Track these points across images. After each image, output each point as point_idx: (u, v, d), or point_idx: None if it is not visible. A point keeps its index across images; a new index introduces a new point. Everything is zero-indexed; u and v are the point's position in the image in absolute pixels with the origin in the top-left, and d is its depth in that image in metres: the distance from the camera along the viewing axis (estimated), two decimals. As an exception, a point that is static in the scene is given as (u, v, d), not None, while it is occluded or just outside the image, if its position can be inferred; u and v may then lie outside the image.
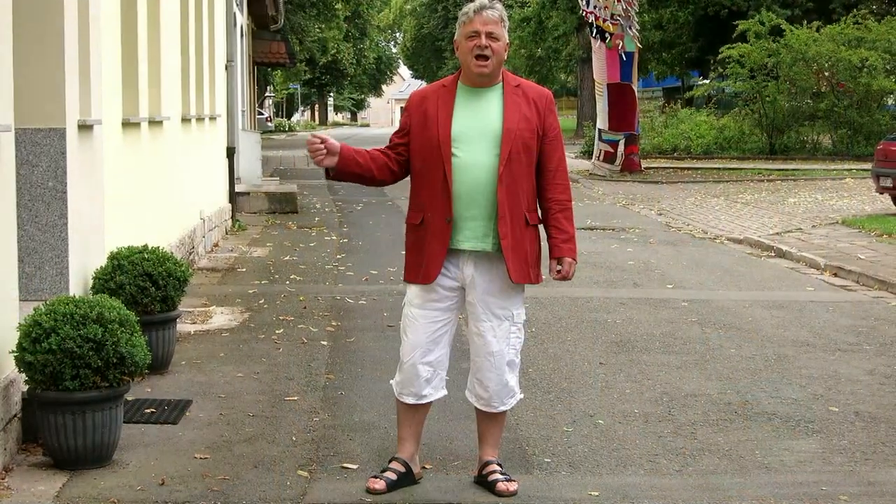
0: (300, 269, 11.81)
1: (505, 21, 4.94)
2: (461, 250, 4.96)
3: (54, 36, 6.47)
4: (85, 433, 5.18)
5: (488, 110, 4.94)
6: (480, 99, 4.96)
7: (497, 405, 5.08)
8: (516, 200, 4.92)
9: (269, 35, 30.39)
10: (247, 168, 20.03)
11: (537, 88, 5.08)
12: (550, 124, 5.02)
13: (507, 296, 5.02)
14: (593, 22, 26.33)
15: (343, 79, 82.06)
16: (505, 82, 4.99)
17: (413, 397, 5.08)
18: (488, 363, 5.03)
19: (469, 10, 4.92)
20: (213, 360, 7.55)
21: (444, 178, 4.88)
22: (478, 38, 4.86)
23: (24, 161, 6.51)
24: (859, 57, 29.52)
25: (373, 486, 5.01)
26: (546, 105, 5.02)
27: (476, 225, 4.91)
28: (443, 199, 4.89)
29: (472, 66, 4.90)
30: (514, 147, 4.88)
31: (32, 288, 6.58)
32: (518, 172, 4.91)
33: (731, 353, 7.97)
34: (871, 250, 13.02)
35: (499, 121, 4.91)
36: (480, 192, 4.88)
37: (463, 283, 5.01)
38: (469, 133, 4.90)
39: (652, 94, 58.67)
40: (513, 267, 4.93)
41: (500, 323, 5.01)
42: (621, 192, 22.67)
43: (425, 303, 5.01)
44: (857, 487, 5.22)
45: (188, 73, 12.08)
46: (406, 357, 5.07)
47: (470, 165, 4.88)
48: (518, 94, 4.97)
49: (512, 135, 4.88)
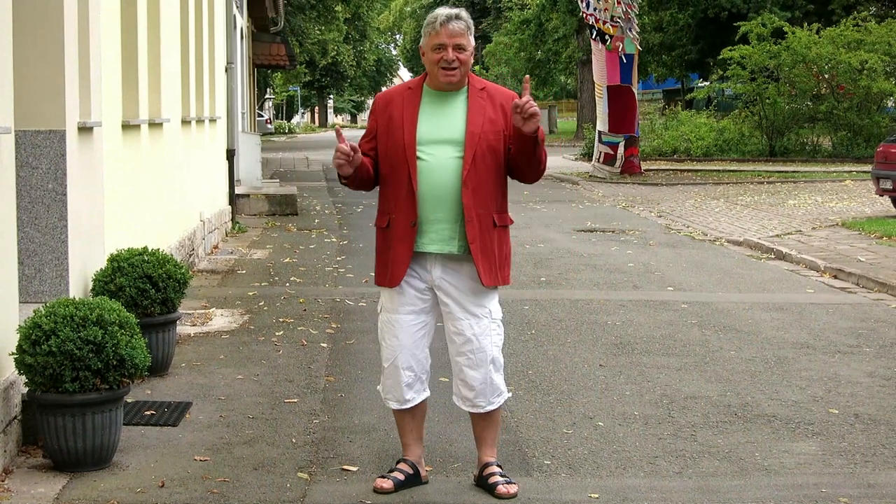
0: (300, 271, 11.82)
1: (471, 29, 4.98)
2: (427, 253, 4.97)
3: (54, 38, 6.47)
4: (85, 435, 5.18)
5: (453, 114, 4.96)
6: (445, 103, 4.98)
7: (484, 404, 5.07)
8: (483, 203, 4.93)
9: (269, 37, 30.41)
10: (247, 170, 20.03)
11: (503, 91, 5.10)
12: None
13: (479, 294, 5.02)
14: (593, 24, 26.33)
15: (343, 81, 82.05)
16: (470, 86, 5.01)
17: (396, 402, 5.12)
18: (471, 361, 5.02)
19: (436, 22, 4.92)
20: (212, 362, 7.55)
21: (409, 181, 4.90)
22: (445, 52, 4.89)
23: (24, 163, 6.51)
24: (859, 59, 29.53)
25: (381, 486, 5.03)
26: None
27: (441, 228, 4.93)
28: (408, 202, 4.91)
29: (439, 76, 4.93)
30: (479, 150, 4.90)
31: (32, 290, 6.58)
32: (484, 175, 4.93)
33: (731, 356, 7.97)
34: (871, 252, 13.02)
35: (463, 124, 4.93)
36: (445, 194, 4.90)
37: (432, 285, 5.02)
38: (434, 136, 4.93)
39: (652, 96, 58.71)
40: (483, 270, 4.93)
41: (478, 320, 5.01)
42: (621, 194, 22.67)
43: (399, 307, 5.03)
44: (857, 489, 5.22)
45: (188, 76, 12.09)
46: (386, 363, 5.10)
47: (434, 168, 4.90)
48: (483, 97, 4.99)
49: (476, 138, 4.90)
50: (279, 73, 61.03)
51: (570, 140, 48.05)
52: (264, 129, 56.87)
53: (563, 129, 58.62)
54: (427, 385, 5.18)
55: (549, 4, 46.73)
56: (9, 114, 5.47)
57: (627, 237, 15.23)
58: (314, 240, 14.74)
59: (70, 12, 6.60)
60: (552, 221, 17.20)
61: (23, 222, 6.46)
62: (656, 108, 48.37)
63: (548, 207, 19.65)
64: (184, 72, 11.79)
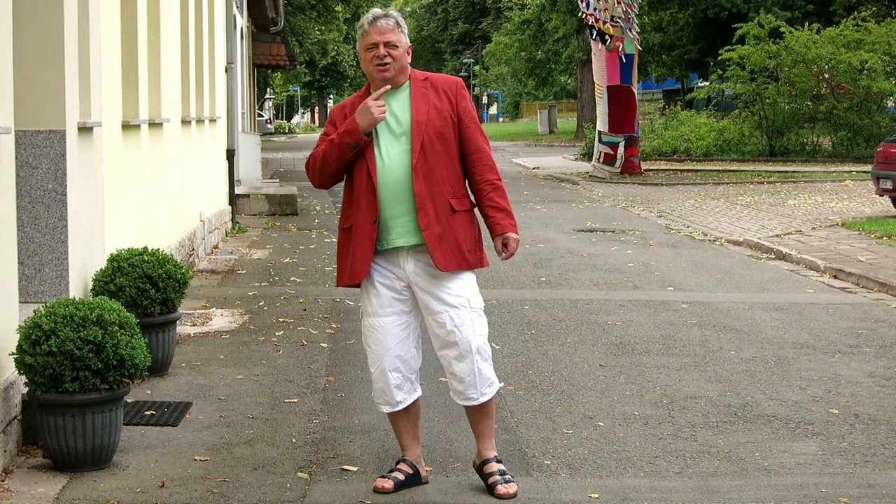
0: (300, 271, 11.82)
1: (401, 26, 5.05)
2: (398, 248, 5.00)
3: (54, 38, 6.47)
4: (85, 435, 5.19)
5: (399, 108, 5.03)
6: (391, 100, 5.04)
7: (476, 396, 5.06)
8: (437, 189, 4.97)
9: (269, 37, 30.41)
10: (247, 170, 20.03)
11: (446, 78, 5.17)
12: (464, 108, 5.08)
13: (454, 283, 5.02)
14: (593, 24, 26.33)
15: (343, 81, 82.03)
16: (412, 79, 5.09)
17: (388, 406, 5.13)
18: (456, 353, 5.02)
19: (364, 23, 5.04)
20: (212, 362, 7.55)
21: (370, 179, 4.97)
22: (376, 49, 4.97)
23: (24, 163, 6.51)
24: (859, 59, 29.53)
25: (381, 486, 5.04)
26: (456, 91, 5.10)
27: (405, 221, 4.97)
28: (368, 201, 4.97)
29: (375, 73, 5.00)
30: (427, 137, 4.96)
31: (32, 290, 6.58)
32: (434, 162, 4.97)
33: (731, 356, 7.97)
34: (871, 252, 13.02)
35: (408, 115, 5.00)
36: (401, 188, 4.96)
37: (408, 282, 5.04)
38: (385, 134, 5.00)
39: (652, 96, 58.71)
40: (439, 256, 4.94)
41: (457, 311, 5.00)
42: (621, 194, 22.66)
43: (378, 310, 5.04)
44: (857, 489, 5.22)
45: (188, 76, 12.09)
46: (373, 368, 5.11)
47: (389, 165, 4.98)
48: (426, 87, 5.07)
49: (422, 126, 4.97)
50: (279, 73, 61.02)
51: (570, 140, 48.05)
52: (264, 129, 56.87)
53: (563, 129, 58.62)
54: (418, 385, 5.18)
55: (549, 4, 46.71)
56: (9, 114, 5.48)
57: (627, 237, 15.23)
58: (314, 240, 14.74)
59: (70, 12, 6.60)
60: (552, 221, 17.21)
61: (23, 222, 6.47)
62: (656, 108, 48.35)
63: (548, 207, 19.65)
64: (184, 72, 11.79)
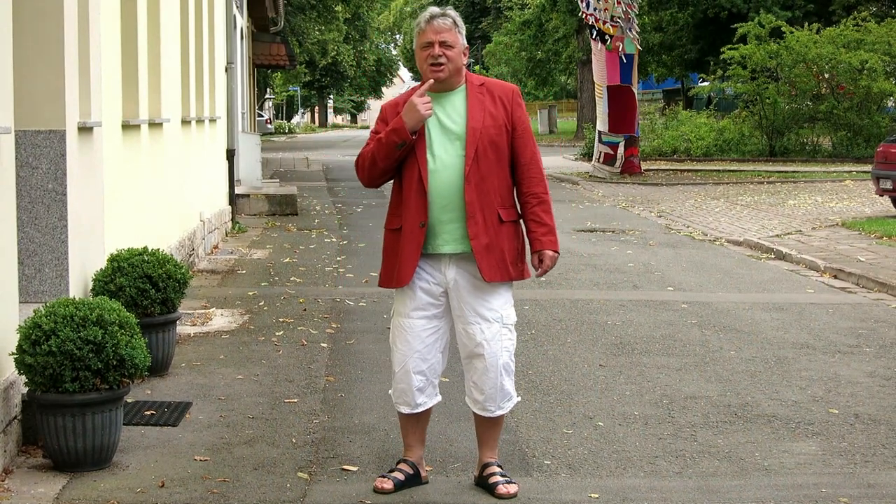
0: (300, 271, 11.81)
1: (459, 26, 4.97)
2: (442, 254, 4.97)
3: (54, 38, 6.47)
4: (85, 435, 5.18)
5: (454, 112, 4.97)
6: (446, 103, 4.99)
7: (493, 409, 5.07)
8: (487, 199, 4.92)
9: (269, 37, 30.40)
10: (247, 170, 20.02)
11: (502, 84, 5.10)
12: (518, 118, 5.03)
13: (492, 296, 5.00)
14: (593, 24, 26.33)
15: (343, 81, 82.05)
16: (468, 83, 5.02)
17: (407, 407, 5.09)
18: (481, 366, 5.01)
19: (421, 21, 4.96)
20: (212, 362, 7.55)
21: (420, 182, 4.91)
22: (431, 49, 4.90)
23: (24, 163, 6.51)
24: (859, 59, 29.54)
25: (381, 486, 5.03)
26: (512, 99, 5.03)
27: (454, 227, 4.93)
28: (417, 204, 4.91)
29: (428, 73, 4.94)
30: (481, 145, 4.90)
31: (32, 290, 6.58)
32: (487, 170, 4.92)
33: (731, 356, 7.97)
34: (871, 252, 13.02)
35: (463, 120, 4.94)
36: (453, 194, 4.91)
37: (446, 287, 5.00)
38: (439, 137, 4.94)
39: (652, 96, 58.72)
40: (485, 266, 4.92)
41: (489, 325, 4.99)
42: (621, 194, 22.66)
43: (412, 311, 5.01)
44: (857, 489, 5.22)
45: (188, 76, 12.08)
46: (397, 367, 5.07)
47: (441, 169, 4.92)
48: (482, 93, 5.00)
49: (477, 133, 4.91)
50: (279, 73, 61.04)
51: (570, 140, 48.05)
52: (264, 129, 56.85)
53: (563, 129, 58.61)
54: (438, 390, 5.16)
55: (549, 4, 46.75)
56: (9, 114, 5.47)
57: (627, 237, 15.23)
58: (314, 240, 14.74)
59: (70, 12, 6.60)
60: (552, 221, 17.18)
61: (23, 222, 6.46)
62: (656, 108, 48.36)
63: (548, 207, 19.61)
64: (184, 72, 11.78)
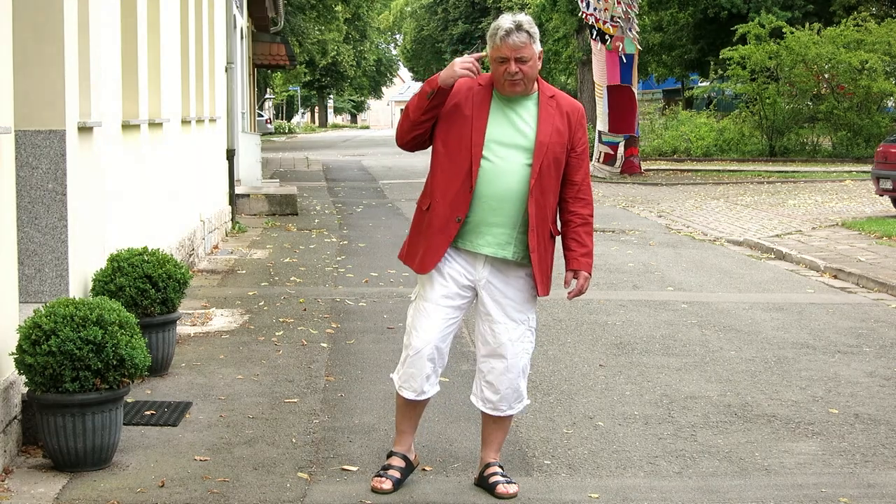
0: (300, 271, 11.81)
1: (534, 37, 4.84)
2: (480, 254, 4.96)
3: (54, 38, 6.47)
4: (85, 435, 5.18)
5: (524, 120, 4.91)
6: (516, 107, 4.92)
7: (505, 409, 5.09)
8: (543, 214, 4.92)
9: (269, 37, 30.41)
10: (247, 170, 20.03)
11: (571, 101, 5.03)
12: (580, 139, 5.00)
13: (524, 302, 5.04)
14: (593, 24, 26.35)
15: (343, 81, 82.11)
16: (540, 92, 4.95)
17: (413, 392, 5.05)
18: (502, 366, 5.02)
19: (497, 35, 4.83)
20: (212, 362, 7.55)
21: (468, 178, 4.84)
22: (508, 65, 4.82)
23: (24, 163, 6.50)
24: (859, 59, 29.56)
25: (380, 486, 5.02)
26: (578, 119, 4.99)
27: (500, 232, 4.90)
28: (460, 197, 4.86)
29: (505, 87, 4.87)
30: (546, 160, 4.87)
31: (32, 290, 6.58)
32: (547, 185, 4.91)
33: (731, 356, 7.97)
34: (871, 252, 13.02)
35: (533, 132, 4.89)
36: (508, 200, 4.86)
37: (476, 285, 5.00)
38: (503, 140, 4.88)
39: (652, 96, 58.69)
40: (541, 280, 4.97)
41: (516, 326, 5.02)
42: (621, 194, 22.67)
43: (441, 298, 4.97)
44: (857, 489, 5.22)
45: (188, 76, 12.08)
46: (413, 351, 5.01)
47: (500, 173, 4.85)
48: (552, 106, 4.94)
49: (544, 148, 4.86)
50: (279, 73, 61.03)
51: (570, 140, 47.95)
52: (264, 129, 56.88)
53: (563, 129, 58.52)
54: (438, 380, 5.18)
55: (549, 4, 46.70)
56: (9, 114, 5.47)
57: (627, 237, 15.23)
58: (314, 240, 14.74)
59: (70, 12, 6.60)
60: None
61: (23, 222, 6.46)
62: (656, 107, 48.37)
63: (548, 207, 19.62)
64: (184, 72, 11.78)
